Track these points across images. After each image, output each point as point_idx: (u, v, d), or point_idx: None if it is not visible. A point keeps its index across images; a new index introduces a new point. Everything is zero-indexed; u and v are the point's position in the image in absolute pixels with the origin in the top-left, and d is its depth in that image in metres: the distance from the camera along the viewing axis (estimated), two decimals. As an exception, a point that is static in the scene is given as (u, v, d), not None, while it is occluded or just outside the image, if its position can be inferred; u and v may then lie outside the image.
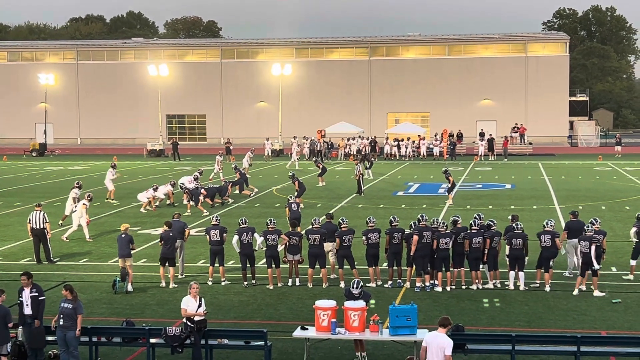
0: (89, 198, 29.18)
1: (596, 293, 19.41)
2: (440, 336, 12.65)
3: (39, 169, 58.01)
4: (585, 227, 20.29)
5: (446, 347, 12.48)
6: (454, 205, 35.55)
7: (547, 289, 19.92)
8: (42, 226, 24.36)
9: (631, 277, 20.66)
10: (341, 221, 21.22)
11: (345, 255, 20.76)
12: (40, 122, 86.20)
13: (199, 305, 15.15)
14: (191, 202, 34.74)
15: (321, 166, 45.28)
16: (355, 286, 15.37)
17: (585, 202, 36.47)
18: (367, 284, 19.77)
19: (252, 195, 39.72)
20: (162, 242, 21.09)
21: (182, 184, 36.87)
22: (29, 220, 24.72)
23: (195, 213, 33.75)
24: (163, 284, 20.92)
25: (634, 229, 20.54)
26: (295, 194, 33.89)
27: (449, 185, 36.80)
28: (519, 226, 20.48)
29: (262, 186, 44.51)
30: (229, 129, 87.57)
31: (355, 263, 20.82)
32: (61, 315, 14.78)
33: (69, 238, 27.84)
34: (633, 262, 20.73)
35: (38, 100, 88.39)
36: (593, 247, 19.46)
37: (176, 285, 20.76)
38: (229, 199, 37.57)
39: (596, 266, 19.39)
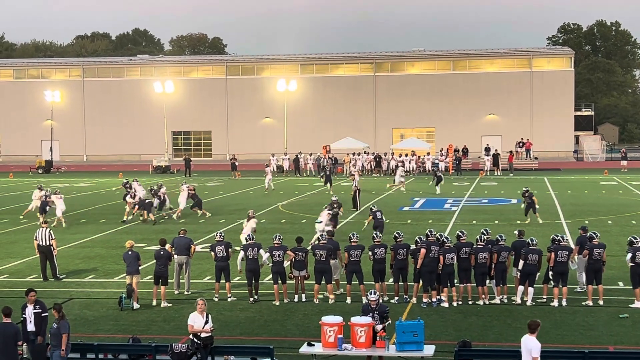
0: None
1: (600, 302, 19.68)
2: (529, 339, 13.26)
3: (44, 186, 57.95)
4: (592, 235, 20.37)
5: (532, 349, 13.14)
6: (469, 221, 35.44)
7: (563, 303, 19.83)
8: (48, 243, 24.37)
9: (638, 304, 19.89)
10: (351, 236, 21.22)
11: (355, 270, 20.74)
12: (47, 139, 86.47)
13: (206, 322, 15.14)
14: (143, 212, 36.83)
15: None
16: (373, 293, 15.64)
17: (592, 217, 36.38)
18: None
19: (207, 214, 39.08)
20: (156, 259, 21.11)
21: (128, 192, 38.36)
22: (36, 237, 24.75)
23: (198, 230, 33.75)
24: (154, 303, 20.85)
25: (629, 255, 20.23)
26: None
27: (527, 204, 35.38)
28: (534, 242, 20.40)
29: (267, 202, 44.53)
30: (235, 145, 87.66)
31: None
32: (49, 335, 14.82)
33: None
34: (638, 290, 20.14)
35: (44, 118, 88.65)
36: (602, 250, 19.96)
37: (169, 304, 20.69)
38: (152, 219, 36.75)
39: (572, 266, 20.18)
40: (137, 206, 37.08)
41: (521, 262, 20.19)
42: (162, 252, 21.12)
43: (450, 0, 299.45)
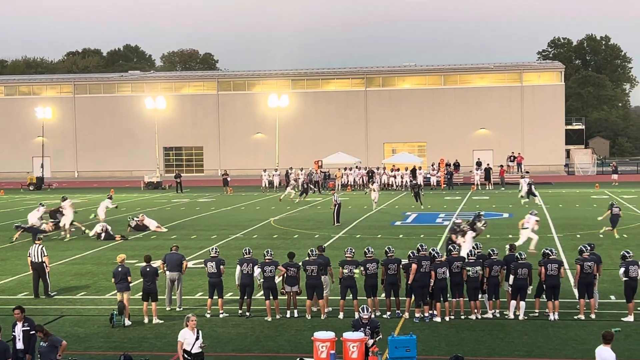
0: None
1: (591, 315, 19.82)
2: (604, 350, 13.54)
3: (35, 203, 57.78)
4: (582, 249, 20.40)
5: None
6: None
7: (555, 317, 19.86)
8: (40, 260, 24.27)
9: (631, 318, 19.91)
10: (346, 251, 21.22)
11: (349, 285, 20.70)
12: (38, 156, 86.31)
13: (197, 338, 15.07)
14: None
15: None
16: (365, 310, 15.59)
17: (583, 230, 36.46)
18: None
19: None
20: (142, 277, 21.04)
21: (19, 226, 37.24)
22: (29, 254, 24.66)
23: (190, 246, 33.69)
24: (146, 320, 20.76)
25: (622, 269, 20.24)
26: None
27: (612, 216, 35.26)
28: (522, 256, 20.45)
29: (259, 217, 44.50)
30: (227, 160, 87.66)
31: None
32: (39, 355, 14.74)
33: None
34: (631, 304, 20.10)
35: (35, 134, 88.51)
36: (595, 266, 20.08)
37: (160, 321, 20.62)
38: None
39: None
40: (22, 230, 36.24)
41: (511, 277, 20.23)
42: (148, 269, 21.04)
43: (441, 16, 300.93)
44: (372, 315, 20.22)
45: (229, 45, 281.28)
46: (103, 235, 36.68)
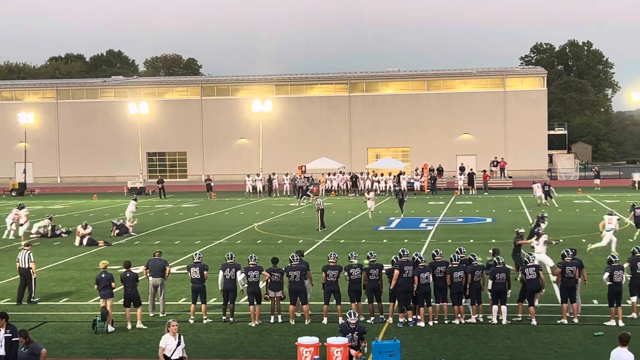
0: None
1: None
2: (622, 352, 13.52)
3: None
4: (564, 253, 20.49)
5: None
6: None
7: (534, 322, 19.94)
8: (27, 266, 24.17)
9: (613, 322, 19.94)
10: (329, 256, 21.23)
11: (333, 290, 20.70)
12: (20, 162, 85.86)
13: (178, 344, 15.04)
14: None
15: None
16: (352, 315, 15.61)
17: (566, 235, 36.62)
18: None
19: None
20: (123, 283, 20.97)
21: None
22: (18, 259, 24.58)
23: (174, 252, 33.61)
24: (129, 326, 20.66)
25: (606, 274, 20.34)
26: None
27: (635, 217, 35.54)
28: (500, 260, 20.56)
29: (243, 223, 44.44)
30: (210, 165, 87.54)
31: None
32: None
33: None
34: (613, 308, 20.12)
35: (17, 140, 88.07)
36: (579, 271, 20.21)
37: (144, 327, 20.54)
38: None
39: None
40: None
41: (490, 282, 20.33)
42: (128, 275, 20.98)
43: (424, 21, 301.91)
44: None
45: (213, 51, 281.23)
46: (85, 240, 36.58)
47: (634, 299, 20.38)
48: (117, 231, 39.99)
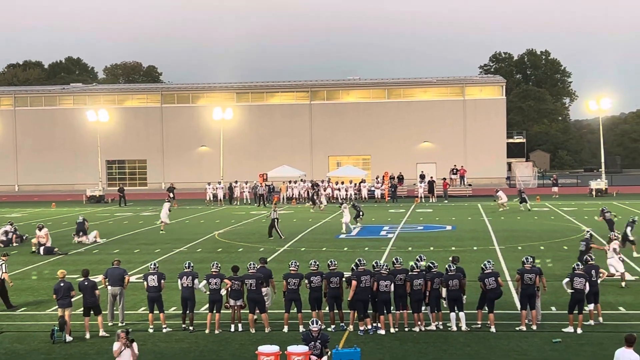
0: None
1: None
2: (627, 352, 13.60)
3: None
4: (523, 261, 20.67)
5: None
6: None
7: (493, 329, 20.08)
8: (1, 277, 24.04)
9: (571, 329, 20.17)
10: (290, 264, 21.21)
11: (293, 298, 20.68)
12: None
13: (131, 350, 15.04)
14: None
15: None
16: (315, 323, 15.61)
17: (525, 242, 36.96)
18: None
19: None
20: (81, 291, 20.79)
21: None
22: None
23: (133, 260, 33.37)
24: (87, 336, 20.46)
25: (566, 279, 20.59)
26: None
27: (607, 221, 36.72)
28: (452, 267, 20.66)
29: (203, 231, 44.25)
30: (171, 173, 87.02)
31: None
32: None
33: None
34: (572, 315, 20.26)
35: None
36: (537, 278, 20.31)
37: (107, 334, 20.38)
38: None
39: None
40: None
41: (444, 290, 20.46)
42: (86, 283, 20.80)
43: (385, 30, 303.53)
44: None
45: (173, 59, 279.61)
46: (42, 250, 36.19)
47: (591, 306, 20.63)
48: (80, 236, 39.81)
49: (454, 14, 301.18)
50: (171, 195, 64.55)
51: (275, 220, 40.52)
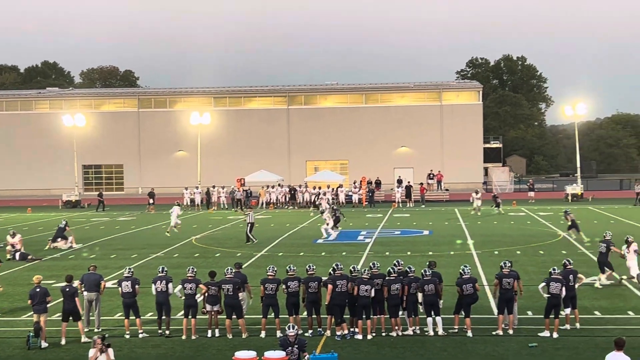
0: None
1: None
2: (618, 356, 13.64)
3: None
4: (501, 265, 20.75)
5: None
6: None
7: (470, 334, 20.14)
8: None
9: (547, 333, 20.22)
10: (268, 269, 21.17)
11: (271, 304, 20.63)
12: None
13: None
14: None
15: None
16: (291, 328, 15.57)
17: (501, 247, 37.10)
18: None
19: None
20: (63, 297, 20.66)
21: None
22: None
23: (109, 266, 33.19)
24: (63, 342, 20.31)
25: (542, 284, 20.71)
26: None
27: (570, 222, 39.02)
28: (427, 272, 20.70)
29: (180, 236, 44.05)
30: (147, 178, 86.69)
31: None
32: None
33: None
34: (548, 320, 20.31)
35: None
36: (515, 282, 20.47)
37: (89, 339, 20.24)
38: None
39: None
40: None
41: (420, 295, 20.49)
42: (68, 289, 20.66)
43: (362, 36, 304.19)
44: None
45: (150, 63, 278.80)
46: (18, 255, 35.92)
47: (567, 310, 20.74)
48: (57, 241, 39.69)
49: (432, 19, 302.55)
50: (151, 200, 64.29)
51: (250, 224, 40.48)
